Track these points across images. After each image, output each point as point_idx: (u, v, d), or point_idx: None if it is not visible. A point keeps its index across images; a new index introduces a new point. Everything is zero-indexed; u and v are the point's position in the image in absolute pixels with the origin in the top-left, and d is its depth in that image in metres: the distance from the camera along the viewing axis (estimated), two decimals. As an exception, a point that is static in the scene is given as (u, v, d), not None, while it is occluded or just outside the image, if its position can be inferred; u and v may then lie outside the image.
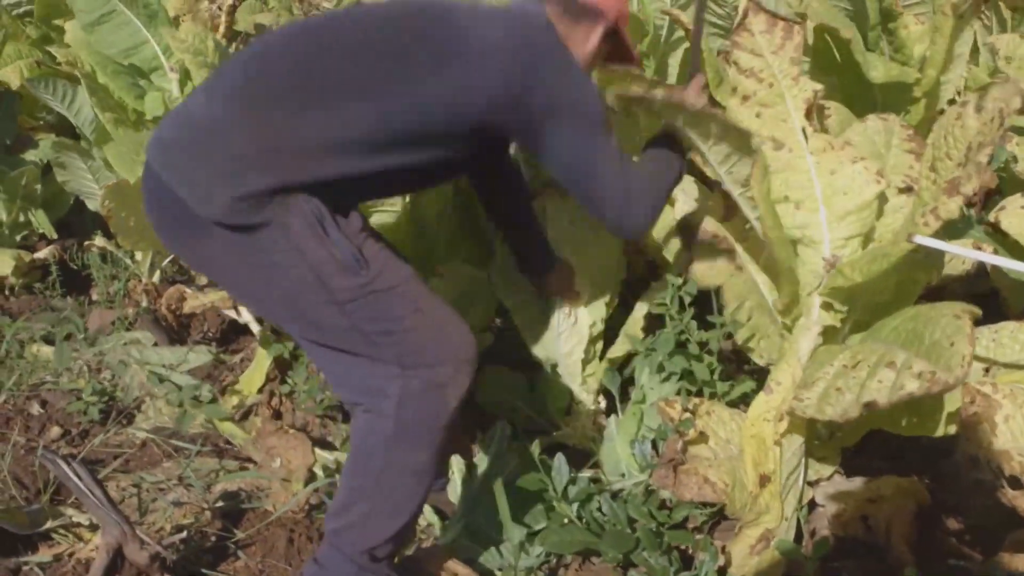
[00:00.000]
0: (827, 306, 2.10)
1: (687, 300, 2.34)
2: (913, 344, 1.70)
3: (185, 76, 3.04)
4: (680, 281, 2.36)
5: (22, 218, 4.07)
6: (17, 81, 4.45)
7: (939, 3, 2.52)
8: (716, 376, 2.34)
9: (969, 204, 2.68)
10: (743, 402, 2.32)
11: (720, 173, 2.17)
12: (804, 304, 2.15)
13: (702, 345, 2.35)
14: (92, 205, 3.83)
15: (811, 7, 2.80)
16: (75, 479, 2.03)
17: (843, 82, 2.76)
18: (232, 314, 3.19)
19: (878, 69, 2.65)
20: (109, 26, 3.09)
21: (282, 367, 2.92)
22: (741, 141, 2.04)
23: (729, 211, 2.40)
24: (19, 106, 4.05)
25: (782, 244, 2.09)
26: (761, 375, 2.31)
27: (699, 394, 2.34)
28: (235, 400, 2.89)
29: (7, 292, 3.90)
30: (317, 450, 2.40)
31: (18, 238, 4.09)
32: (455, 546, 2.16)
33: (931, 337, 1.68)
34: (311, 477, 2.36)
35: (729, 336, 2.32)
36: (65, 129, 4.15)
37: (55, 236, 4.11)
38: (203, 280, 3.89)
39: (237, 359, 3.24)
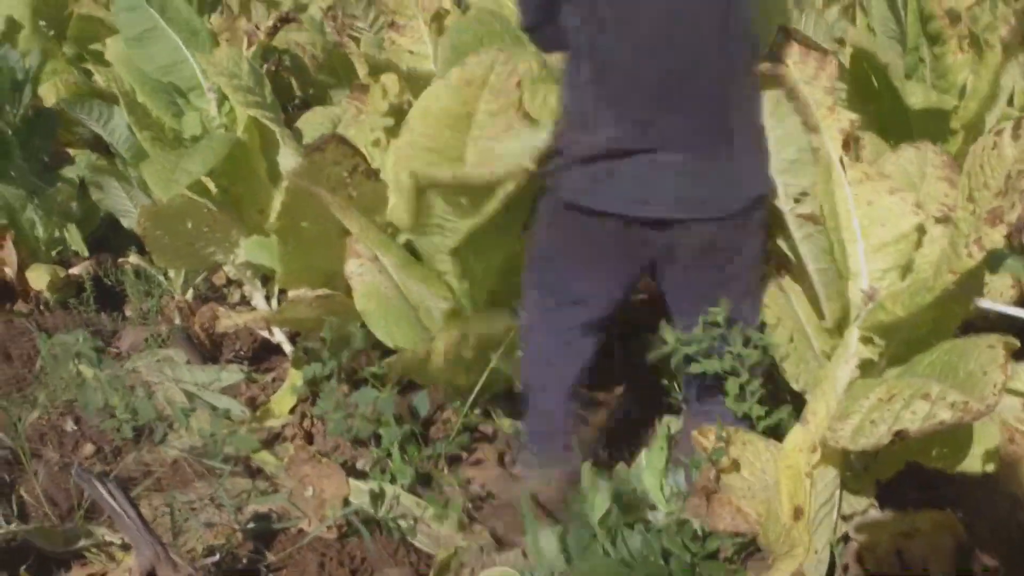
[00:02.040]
0: (866, 339, 2.07)
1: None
2: (948, 377, 1.70)
3: (223, 96, 3.07)
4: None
5: (58, 234, 4.12)
6: (52, 98, 4.52)
7: (984, 34, 2.50)
8: (754, 398, 2.31)
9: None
10: (778, 431, 2.31)
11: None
12: (843, 336, 2.14)
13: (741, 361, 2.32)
14: (127, 223, 3.87)
15: (849, 31, 2.79)
16: (109, 499, 2.04)
17: (880, 110, 2.75)
18: (264, 333, 3.21)
19: (917, 96, 2.63)
20: (150, 43, 3.10)
21: (314, 388, 2.92)
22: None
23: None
24: (57, 124, 4.09)
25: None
26: (796, 401, 2.31)
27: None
28: (266, 421, 2.91)
29: (42, 307, 3.94)
30: (352, 480, 2.40)
31: (54, 253, 4.14)
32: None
33: (965, 369, 1.68)
34: (345, 506, 2.36)
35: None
36: (100, 144, 4.20)
37: (86, 254, 4.15)
38: (235, 298, 3.93)
39: (269, 378, 3.25)
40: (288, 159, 2.94)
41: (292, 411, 2.94)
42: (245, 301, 3.79)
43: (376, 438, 2.56)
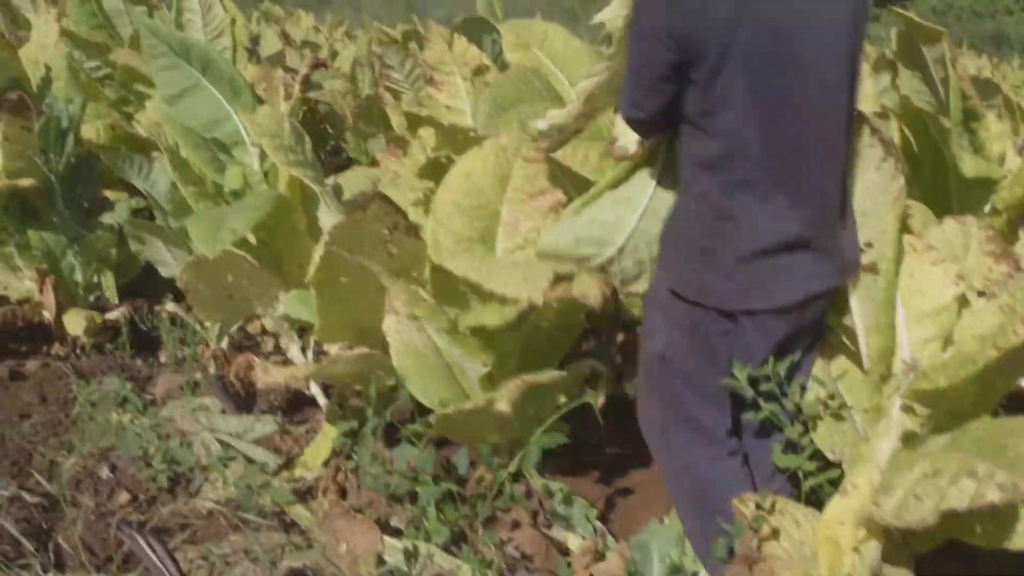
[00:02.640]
0: (908, 409, 2.07)
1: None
2: (996, 456, 1.69)
3: (265, 152, 3.12)
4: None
5: (96, 279, 4.17)
6: (93, 140, 4.59)
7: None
8: (805, 453, 2.29)
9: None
10: (814, 496, 2.30)
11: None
12: (884, 406, 2.13)
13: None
14: (164, 272, 3.92)
15: (905, 96, 2.82)
16: (150, 553, 2.06)
17: (922, 179, 2.77)
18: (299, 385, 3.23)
19: (967, 163, 2.65)
20: (192, 100, 3.17)
21: (348, 442, 2.93)
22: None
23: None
24: (99, 171, 4.16)
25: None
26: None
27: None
28: (300, 473, 2.92)
29: (78, 351, 3.99)
30: (385, 537, 2.40)
31: (91, 298, 4.19)
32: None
33: (1015, 449, 1.67)
34: (378, 562, 2.36)
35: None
36: (139, 190, 4.25)
37: (117, 301, 4.20)
38: (269, 347, 3.96)
39: (302, 430, 3.27)
40: (328, 215, 2.98)
41: (325, 464, 2.95)
42: (279, 350, 3.82)
43: (411, 495, 2.56)
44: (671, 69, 1.92)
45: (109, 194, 4.42)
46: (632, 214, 2.31)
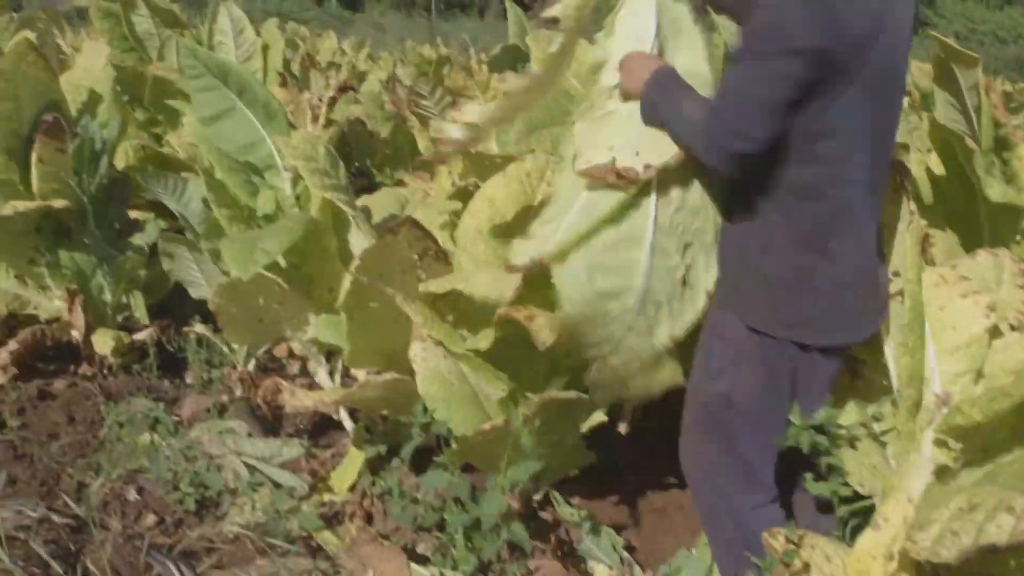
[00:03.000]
0: (940, 443, 2.06)
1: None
2: (1034, 490, 1.68)
3: (298, 176, 3.14)
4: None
5: (124, 299, 4.20)
6: (122, 162, 4.65)
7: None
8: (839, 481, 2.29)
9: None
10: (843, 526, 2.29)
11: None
12: (916, 437, 2.12)
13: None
14: (194, 293, 3.95)
15: (936, 118, 2.82)
16: (179, 578, 2.07)
17: (950, 207, 2.76)
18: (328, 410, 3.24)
19: (994, 189, 2.64)
20: (227, 122, 3.20)
21: (374, 467, 2.94)
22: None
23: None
24: (131, 192, 4.20)
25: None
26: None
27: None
28: (326, 497, 2.92)
29: (106, 371, 4.01)
30: (412, 565, 2.40)
31: (120, 318, 4.22)
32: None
33: (1053, 483, 1.66)
34: (406, 590, 2.36)
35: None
36: (165, 209, 4.29)
37: (147, 322, 4.23)
38: (295, 369, 3.97)
39: (328, 454, 3.27)
40: (359, 239, 3.00)
41: (352, 488, 2.95)
42: (305, 372, 3.83)
43: (440, 526, 2.56)
44: (802, 90, 1.82)
45: (136, 214, 4.47)
46: (640, 253, 2.19)
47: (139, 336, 4.10)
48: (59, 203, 3.75)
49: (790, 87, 1.81)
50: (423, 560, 2.56)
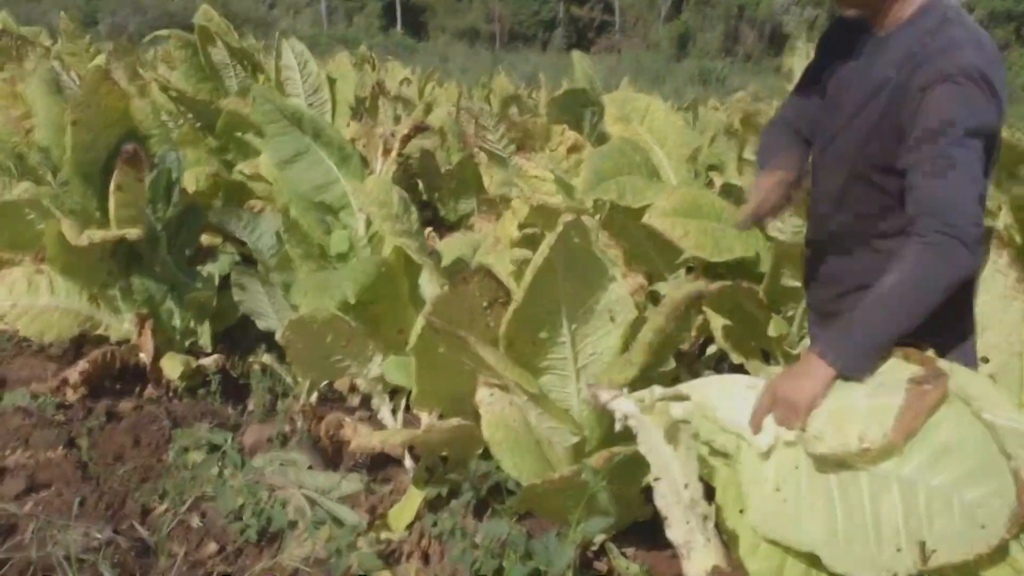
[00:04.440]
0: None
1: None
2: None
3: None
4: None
5: (192, 325, 4.30)
6: (192, 187, 4.76)
7: None
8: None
9: None
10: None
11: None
12: None
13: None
14: (261, 324, 4.03)
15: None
16: (246, 615, 2.10)
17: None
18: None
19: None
20: (302, 164, 3.30)
21: (432, 506, 2.97)
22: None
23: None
24: (203, 221, 4.30)
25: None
26: None
27: None
28: (383, 535, 2.95)
29: (171, 394, 4.10)
30: (472, 608, 2.42)
31: (187, 344, 4.31)
32: None
33: None
34: (462, 634, 2.38)
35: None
36: (238, 240, 4.39)
37: (209, 349, 4.32)
38: (355, 402, 4.03)
39: (387, 490, 3.30)
40: (430, 283, 3.05)
41: (409, 527, 2.98)
42: (366, 406, 3.88)
43: (496, 569, 2.57)
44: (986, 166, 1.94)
45: (206, 237, 4.58)
46: None
47: (205, 362, 4.19)
48: (134, 232, 3.83)
49: (982, 165, 1.91)
50: (480, 604, 2.57)
